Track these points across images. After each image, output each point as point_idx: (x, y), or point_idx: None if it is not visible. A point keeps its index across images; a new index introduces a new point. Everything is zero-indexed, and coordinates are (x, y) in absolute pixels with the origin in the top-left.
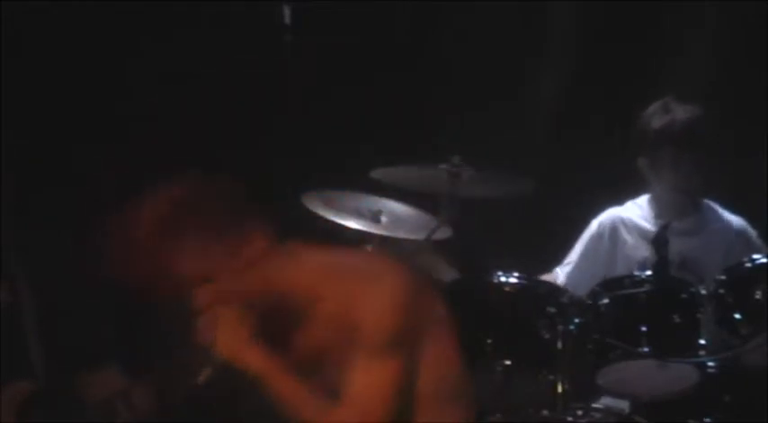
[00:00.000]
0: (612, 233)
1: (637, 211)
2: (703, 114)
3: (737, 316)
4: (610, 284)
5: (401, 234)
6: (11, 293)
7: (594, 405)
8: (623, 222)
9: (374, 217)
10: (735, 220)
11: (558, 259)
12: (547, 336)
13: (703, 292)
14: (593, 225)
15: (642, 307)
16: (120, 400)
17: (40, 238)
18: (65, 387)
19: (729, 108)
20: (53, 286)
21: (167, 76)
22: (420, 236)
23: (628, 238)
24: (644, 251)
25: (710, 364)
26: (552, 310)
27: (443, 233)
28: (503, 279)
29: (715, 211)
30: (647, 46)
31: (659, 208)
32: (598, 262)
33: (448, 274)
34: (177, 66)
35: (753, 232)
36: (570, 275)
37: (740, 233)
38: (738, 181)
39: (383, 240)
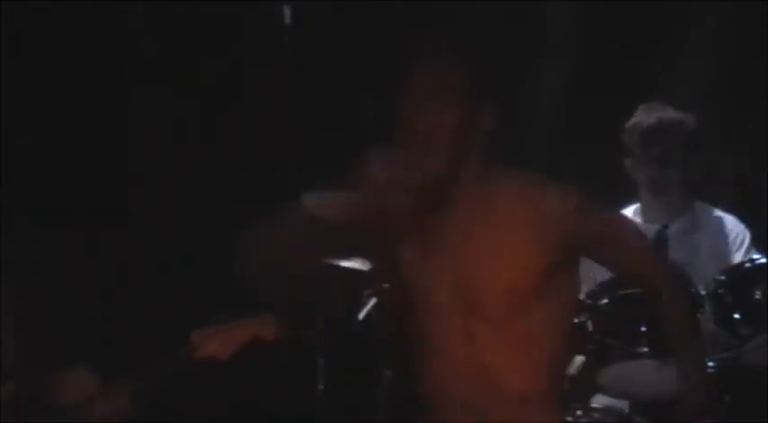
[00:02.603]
0: None
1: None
2: (681, 116)
3: (737, 316)
4: (610, 284)
5: None
6: None
7: (594, 405)
8: None
9: None
10: (729, 220)
11: None
12: None
13: (702, 292)
14: None
15: (642, 307)
16: (94, 402)
17: (18, 241)
18: (38, 390)
19: (729, 108)
20: (31, 288)
21: (167, 76)
22: None
23: None
24: None
25: (710, 364)
26: None
27: None
28: None
29: (707, 213)
30: (647, 46)
31: (649, 213)
32: (598, 267)
33: None
34: (177, 66)
35: (747, 233)
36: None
37: (734, 234)
38: (738, 182)
39: None
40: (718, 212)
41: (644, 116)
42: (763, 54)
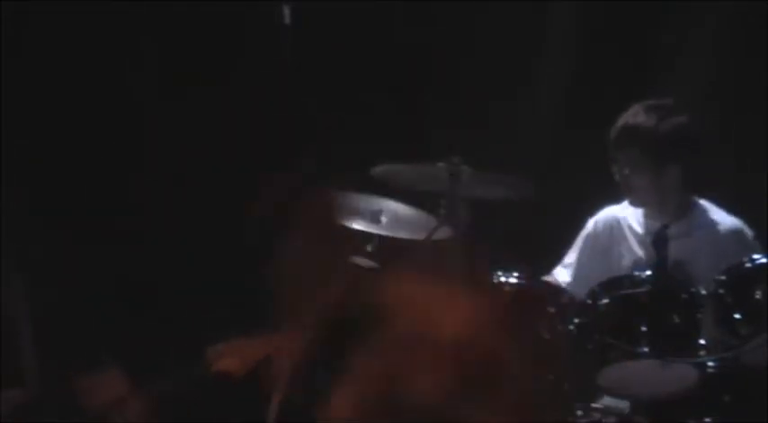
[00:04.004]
0: (608, 232)
1: (631, 211)
2: (651, 121)
3: (737, 316)
4: (609, 284)
5: (401, 234)
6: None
7: (594, 405)
8: (619, 222)
9: (374, 217)
10: (729, 220)
11: (557, 259)
12: (547, 336)
13: (703, 292)
14: (590, 224)
15: (642, 307)
16: (119, 405)
17: (36, 242)
18: (61, 392)
19: (729, 108)
20: (49, 290)
21: (167, 76)
22: (420, 236)
23: (622, 237)
24: (636, 251)
25: (710, 364)
26: (552, 310)
27: (443, 233)
28: (503, 279)
29: (708, 212)
30: (647, 46)
31: (651, 211)
32: (595, 260)
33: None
34: (177, 66)
35: (749, 232)
36: (576, 276)
37: (734, 234)
38: (738, 182)
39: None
40: (721, 213)
41: (619, 119)
42: (763, 54)
